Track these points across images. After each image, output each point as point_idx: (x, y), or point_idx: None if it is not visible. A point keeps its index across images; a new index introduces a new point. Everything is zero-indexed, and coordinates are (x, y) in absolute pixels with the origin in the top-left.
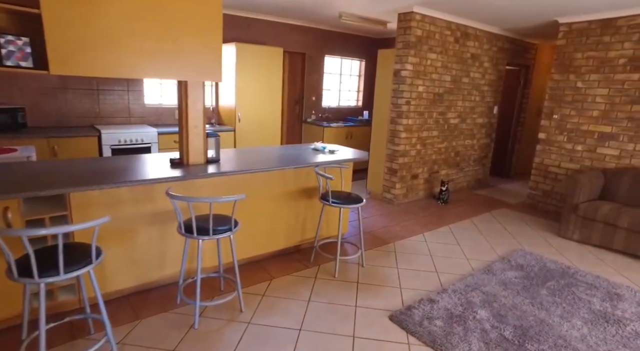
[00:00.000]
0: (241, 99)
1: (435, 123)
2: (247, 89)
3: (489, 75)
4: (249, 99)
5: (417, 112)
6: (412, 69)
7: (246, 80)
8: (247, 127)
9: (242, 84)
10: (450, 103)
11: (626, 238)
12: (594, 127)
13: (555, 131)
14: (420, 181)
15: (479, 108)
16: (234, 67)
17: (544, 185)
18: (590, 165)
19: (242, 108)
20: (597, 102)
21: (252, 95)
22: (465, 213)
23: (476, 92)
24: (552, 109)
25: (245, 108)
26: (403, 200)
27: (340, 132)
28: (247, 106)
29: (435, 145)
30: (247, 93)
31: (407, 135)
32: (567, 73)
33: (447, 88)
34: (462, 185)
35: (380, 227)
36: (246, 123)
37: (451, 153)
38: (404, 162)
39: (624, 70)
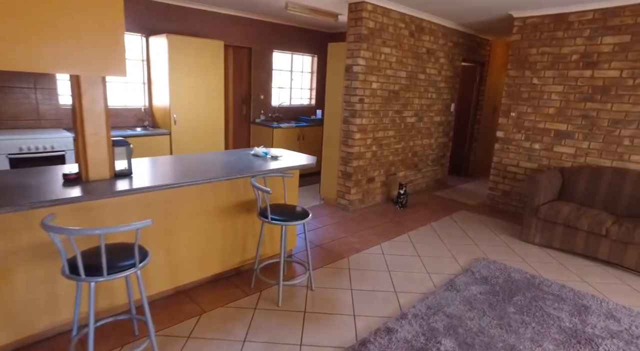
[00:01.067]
0: (176, 98)
1: (391, 122)
2: (183, 87)
3: (445, 71)
4: (186, 98)
5: (372, 110)
6: (365, 64)
7: (182, 77)
8: (185, 130)
9: (176, 81)
10: (407, 101)
11: (586, 241)
12: (551, 125)
13: (513, 129)
14: (377, 184)
15: (436, 106)
16: (167, 62)
17: (503, 186)
18: (548, 164)
19: (178, 109)
20: (552, 99)
21: (190, 94)
22: (425, 218)
23: (433, 89)
24: (510, 107)
25: (182, 109)
26: (359, 205)
27: (292, 133)
28: (183, 106)
29: (392, 145)
30: (183, 92)
31: (361, 136)
32: (523, 69)
33: (402, 85)
34: (420, 186)
35: (333, 239)
36: (183, 126)
37: (408, 153)
38: (359, 165)
39: (576, 67)
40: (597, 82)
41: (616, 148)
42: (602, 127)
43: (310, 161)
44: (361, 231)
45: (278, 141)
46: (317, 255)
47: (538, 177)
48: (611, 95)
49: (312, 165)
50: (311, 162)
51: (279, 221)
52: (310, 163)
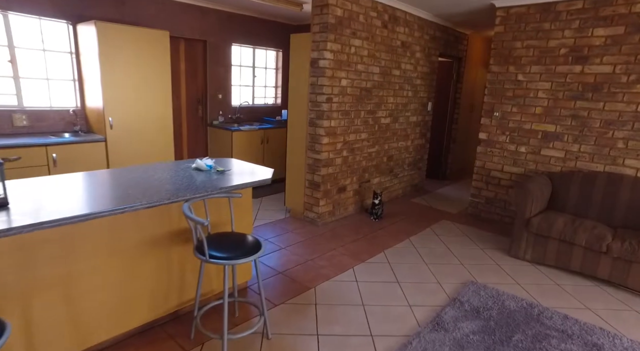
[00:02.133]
0: (111, 98)
1: (363, 124)
2: (120, 85)
3: (421, 67)
4: (124, 98)
5: (342, 111)
6: (332, 58)
7: (117, 73)
8: (124, 136)
9: (110, 78)
10: (380, 99)
11: (583, 258)
12: (538, 126)
13: (497, 130)
14: (349, 194)
15: (412, 105)
16: (97, 55)
17: (487, 192)
18: (535, 168)
19: (114, 111)
20: (539, 98)
21: (129, 93)
22: (403, 231)
23: (408, 86)
24: (493, 106)
25: (119, 111)
26: (329, 218)
27: (254, 137)
28: (121, 107)
29: (365, 149)
30: (120, 91)
31: (330, 139)
32: (507, 64)
33: (375, 82)
34: (397, 193)
35: (298, 263)
36: (122, 131)
37: (383, 158)
38: (328, 173)
39: (565, 62)
40: (587, 78)
41: (609, 151)
42: (594, 128)
43: (264, 176)
44: (331, 251)
45: (238, 146)
46: (277, 287)
47: (528, 185)
48: (603, 93)
49: (266, 181)
50: (265, 177)
51: (221, 259)
52: (264, 180)
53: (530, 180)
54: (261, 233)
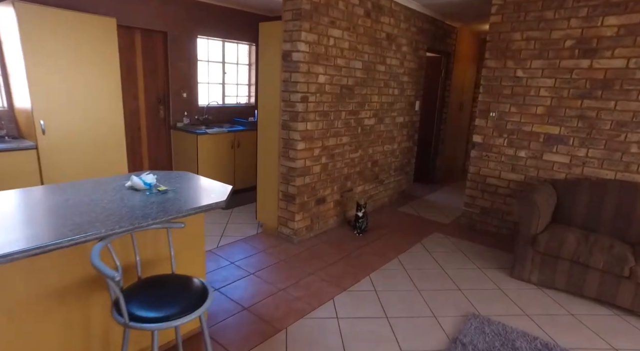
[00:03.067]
0: (42, 97)
1: (345, 126)
2: (53, 82)
3: (408, 62)
4: (60, 98)
5: (319, 112)
6: (307, 50)
7: (48, 67)
8: (61, 143)
9: (39, 73)
10: (364, 98)
11: (600, 282)
12: (539, 128)
13: (494, 133)
14: (330, 205)
15: (399, 104)
16: (19, 43)
17: (482, 201)
18: (536, 175)
19: (46, 112)
20: (541, 96)
21: (66, 92)
22: (391, 248)
23: (394, 83)
24: (489, 105)
25: (55, 112)
26: (307, 234)
27: (223, 140)
28: (56, 108)
29: (347, 155)
30: (53, 89)
31: (306, 145)
32: (504, 59)
33: (358, 79)
34: (382, 201)
35: (269, 293)
36: (58, 137)
37: (367, 163)
38: (304, 184)
39: (571, 56)
40: (597, 74)
41: (621, 156)
42: (604, 130)
43: (218, 198)
44: (309, 275)
45: (205, 151)
46: (240, 329)
47: (533, 196)
48: (615, 90)
49: (220, 204)
50: (219, 199)
51: (147, 322)
52: (217, 203)
53: (534, 190)
54: (228, 254)
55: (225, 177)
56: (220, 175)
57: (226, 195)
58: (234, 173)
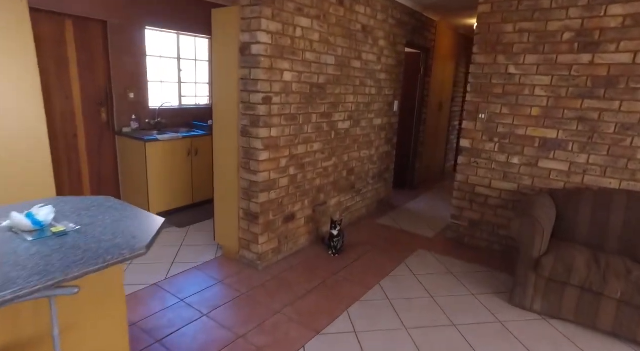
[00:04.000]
0: None
1: (316, 130)
2: None
3: (386, 58)
4: None
5: (286, 115)
6: (270, 41)
7: None
8: None
9: None
10: (337, 99)
11: (617, 314)
12: (534, 131)
13: (483, 137)
14: (300, 222)
15: (377, 105)
16: None
17: (471, 213)
18: (531, 184)
19: None
20: (537, 96)
21: None
22: (370, 271)
23: (371, 81)
24: (477, 106)
25: None
26: (274, 258)
27: (178, 147)
28: None
29: (319, 164)
30: None
31: (271, 154)
32: (494, 53)
33: (330, 77)
34: (360, 212)
35: (223, 344)
36: None
37: (343, 172)
38: (269, 200)
39: (570, 50)
40: (599, 70)
41: (627, 163)
42: (607, 134)
43: (141, 241)
44: (274, 315)
45: (156, 161)
46: None
47: (535, 213)
48: (619, 89)
49: (140, 252)
50: (142, 243)
51: None
52: (137, 251)
53: (534, 204)
54: (178, 288)
55: (182, 190)
56: (176, 188)
57: (150, 237)
58: (191, 185)
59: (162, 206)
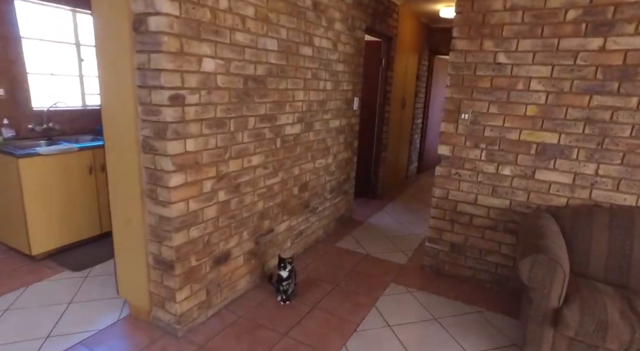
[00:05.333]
0: None
1: (255, 139)
2: None
3: (343, 45)
4: None
5: (209, 120)
6: (176, 13)
7: None
8: None
9: None
10: (283, 96)
11: None
12: (530, 135)
13: (467, 142)
14: (238, 261)
15: (333, 103)
16: None
17: (452, 236)
18: (526, 200)
19: None
20: (533, 91)
21: None
22: (333, 327)
23: (326, 74)
24: (459, 104)
25: None
26: (200, 317)
27: (74, 162)
28: None
29: (261, 182)
30: None
31: (188, 177)
32: (480, 37)
33: (273, 67)
34: (317, 235)
35: None
36: None
37: (293, 189)
38: (189, 240)
39: (576, 32)
40: (612, 58)
41: None
42: (621, 138)
43: None
44: None
45: (35, 182)
46: None
47: (549, 247)
48: (638, 82)
49: None
50: None
51: None
52: None
53: (542, 233)
54: None
55: (84, 218)
56: (74, 217)
57: None
58: (98, 210)
59: (50, 243)
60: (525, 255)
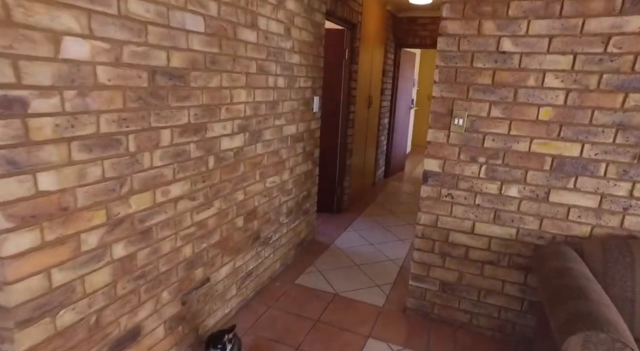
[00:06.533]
0: None
1: (172, 159)
2: None
3: (298, 30)
4: None
5: (85, 139)
6: None
7: None
8: None
9: None
10: (215, 97)
11: None
12: (544, 146)
13: (461, 155)
14: (156, 336)
15: (287, 105)
16: None
17: (443, 272)
18: (539, 228)
19: None
20: (548, 88)
21: None
22: None
23: (277, 67)
24: (451, 105)
25: None
26: None
27: None
28: None
29: (187, 219)
30: None
31: (44, 234)
32: (478, 18)
33: (197, 55)
34: (272, 270)
35: None
36: None
37: (237, 220)
38: (55, 334)
39: (607, 9)
40: None
41: None
42: None
43: None
44: None
45: None
46: None
47: (602, 312)
48: None
49: None
50: None
51: None
52: None
53: (581, 286)
54: None
55: None
56: None
57: None
58: None
59: None
60: (568, 328)
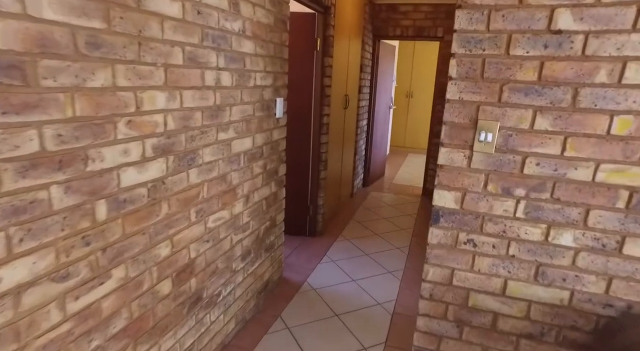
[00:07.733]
0: None
1: (12, 216)
2: None
3: (252, 5)
4: None
5: None
6: None
7: None
8: None
9: None
10: (104, 103)
11: None
12: (618, 173)
13: (488, 185)
14: None
15: (238, 110)
16: None
17: (460, 347)
18: (605, 292)
19: None
20: (628, 86)
21: None
22: None
23: (220, 57)
24: (475, 112)
25: None
26: None
27: None
28: None
29: (47, 319)
30: None
31: None
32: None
33: (50, 29)
34: (222, 337)
35: None
36: None
37: (159, 286)
38: None
39: None
40: None
41: None
42: None
43: None
44: None
45: None
46: None
47: None
48: None
49: None
50: None
51: None
52: None
53: None
54: None
55: None
56: None
57: None
58: None
59: None
60: None
